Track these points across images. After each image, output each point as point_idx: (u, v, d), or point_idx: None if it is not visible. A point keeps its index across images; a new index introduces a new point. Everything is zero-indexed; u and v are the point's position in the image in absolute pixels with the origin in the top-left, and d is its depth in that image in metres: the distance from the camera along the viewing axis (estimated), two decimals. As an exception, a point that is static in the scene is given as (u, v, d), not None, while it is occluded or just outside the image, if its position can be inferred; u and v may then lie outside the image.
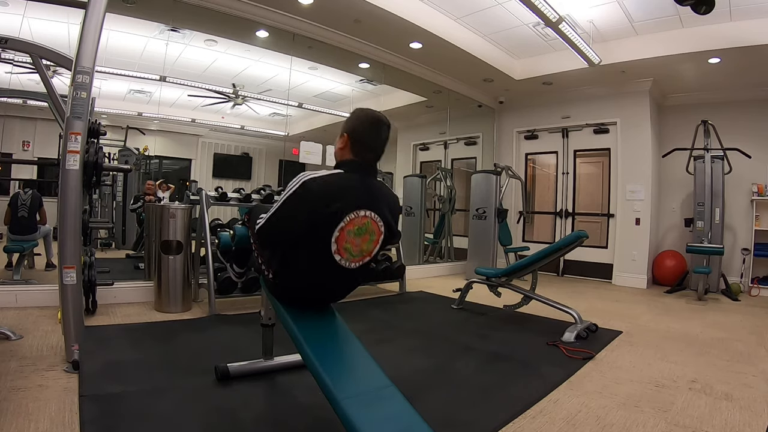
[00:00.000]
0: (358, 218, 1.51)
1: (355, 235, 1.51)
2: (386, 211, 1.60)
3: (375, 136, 1.59)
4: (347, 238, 1.50)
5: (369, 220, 1.53)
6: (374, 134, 1.59)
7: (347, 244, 1.51)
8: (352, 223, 1.49)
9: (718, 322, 3.85)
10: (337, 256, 1.51)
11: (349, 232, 1.50)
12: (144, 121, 6.95)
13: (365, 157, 1.58)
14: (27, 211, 4.37)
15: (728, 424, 1.82)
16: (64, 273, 2.19)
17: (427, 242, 6.87)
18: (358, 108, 1.67)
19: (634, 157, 5.94)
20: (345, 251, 1.51)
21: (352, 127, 1.60)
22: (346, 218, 1.48)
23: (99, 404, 1.75)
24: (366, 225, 1.53)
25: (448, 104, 6.81)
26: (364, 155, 1.58)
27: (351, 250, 1.52)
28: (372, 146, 1.59)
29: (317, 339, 1.59)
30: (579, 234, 3.19)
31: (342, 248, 1.50)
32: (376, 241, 1.59)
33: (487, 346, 2.87)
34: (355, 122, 1.61)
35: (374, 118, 1.60)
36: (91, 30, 2.28)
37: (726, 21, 4.39)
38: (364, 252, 1.57)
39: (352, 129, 1.59)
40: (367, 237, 1.55)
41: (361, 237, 1.53)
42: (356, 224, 1.50)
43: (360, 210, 1.51)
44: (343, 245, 1.50)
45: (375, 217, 1.55)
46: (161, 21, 4.88)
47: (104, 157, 2.53)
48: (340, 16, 4.44)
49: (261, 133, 8.35)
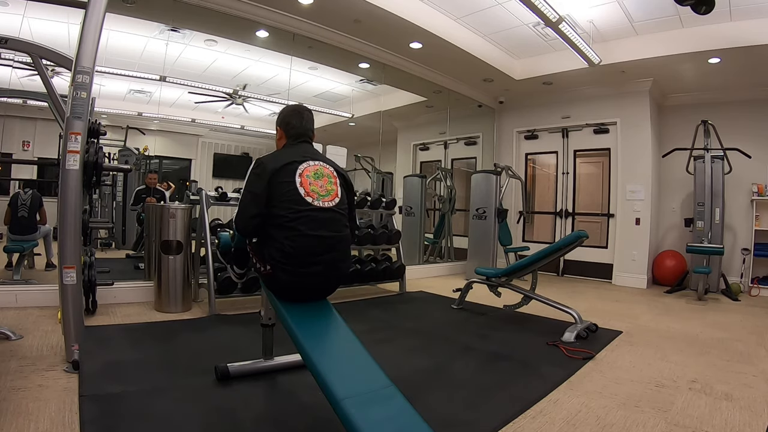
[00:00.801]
0: (311, 166, 1.79)
1: (314, 178, 1.77)
2: (331, 164, 1.88)
3: (300, 119, 1.94)
4: (309, 181, 1.75)
5: (320, 167, 1.82)
6: (299, 118, 1.94)
7: (312, 186, 1.75)
8: (306, 170, 1.77)
9: (718, 322, 3.85)
10: (309, 198, 1.72)
11: (307, 176, 1.76)
12: (144, 121, 6.94)
13: (298, 137, 1.92)
14: (27, 211, 4.36)
15: (728, 424, 1.82)
16: (64, 273, 2.19)
17: (427, 242, 6.87)
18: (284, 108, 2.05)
19: (634, 157, 5.94)
20: (313, 193, 1.74)
21: (281, 120, 1.97)
22: (299, 167, 1.76)
23: (99, 404, 1.75)
24: (319, 170, 1.81)
25: (448, 104, 6.81)
26: (297, 135, 1.93)
27: (318, 191, 1.75)
28: (301, 127, 1.93)
29: (317, 339, 1.60)
30: (579, 234, 3.19)
31: (309, 190, 1.74)
32: (335, 183, 1.83)
33: (487, 346, 2.87)
34: (282, 116, 1.98)
35: (295, 107, 2.02)
36: (91, 30, 2.28)
37: (726, 21, 4.39)
38: (331, 192, 1.80)
39: (281, 122, 1.97)
40: (326, 179, 1.81)
41: (321, 179, 1.79)
42: (311, 171, 1.78)
43: (308, 161, 1.80)
44: (309, 188, 1.74)
45: (324, 165, 1.84)
46: (161, 21, 4.88)
47: (104, 157, 2.53)
48: (340, 16, 4.44)
49: (261, 133, 8.34)
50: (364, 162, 7.06)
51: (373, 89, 6.79)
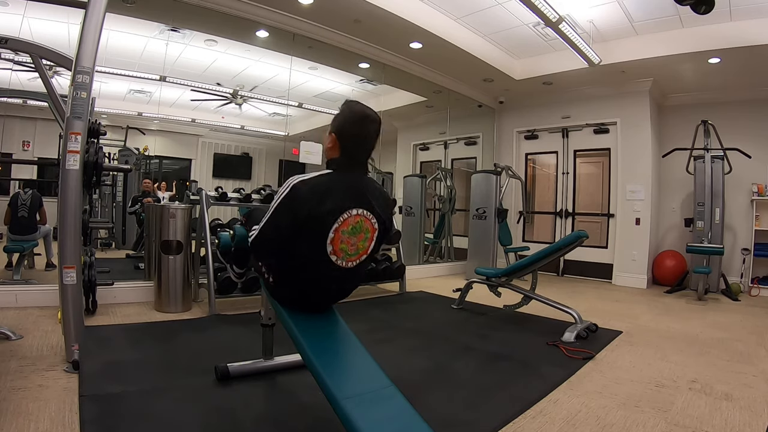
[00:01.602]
0: (351, 217, 1.49)
1: (349, 235, 1.50)
2: (378, 209, 1.57)
3: (362, 134, 1.53)
4: (342, 238, 1.49)
5: (362, 218, 1.52)
6: (361, 131, 1.52)
7: (343, 244, 1.49)
8: (345, 223, 1.48)
9: (718, 322, 3.85)
10: (334, 257, 1.50)
11: (343, 232, 1.48)
12: (144, 121, 6.94)
13: (354, 156, 1.54)
14: (27, 211, 4.36)
15: (728, 424, 1.82)
16: (64, 273, 2.19)
17: (427, 242, 6.87)
18: (346, 103, 1.59)
19: (634, 157, 5.94)
20: (341, 251, 1.50)
21: (338, 125, 1.54)
22: (339, 218, 1.46)
23: (99, 404, 1.75)
24: (359, 223, 1.51)
25: (448, 104, 6.81)
26: (352, 153, 1.54)
27: (347, 249, 1.51)
28: (360, 144, 1.54)
29: (317, 339, 1.60)
30: (579, 234, 3.19)
31: (338, 249, 1.49)
32: (371, 238, 1.58)
33: (487, 346, 2.87)
34: (341, 120, 1.54)
35: (360, 115, 1.54)
36: (91, 30, 2.28)
37: (726, 21, 4.39)
38: (360, 250, 1.56)
39: (338, 127, 1.53)
40: (362, 235, 1.54)
41: (356, 236, 1.52)
42: (350, 224, 1.49)
43: (352, 209, 1.49)
44: (338, 246, 1.49)
45: (368, 215, 1.53)
46: (161, 21, 4.88)
47: (104, 157, 2.53)
48: (340, 16, 4.44)
49: (261, 133, 8.34)
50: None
51: (373, 89, 6.79)
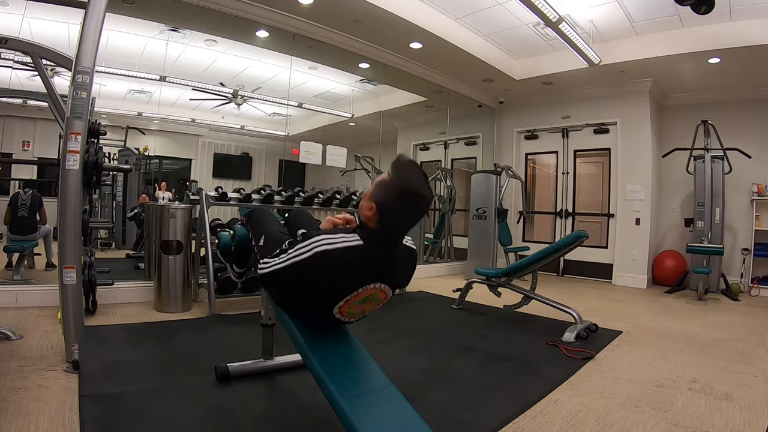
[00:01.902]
0: (367, 291, 1.38)
1: (360, 303, 1.42)
2: (399, 280, 1.47)
3: (411, 216, 1.33)
4: (351, 305, 1.41)
5: (377, 291, 1.41)
6: (410, 214, 1.32)
7: (350, 309, 1.43)
8: (359, 294, 1.38)
9: (718, 322, 3.85)
10: (339, 316, 1.44)
11: (354, 302, 1.40)
12: (144, 121, 6.94)
13: (394, 233, 1.36)
14: (27, 211, 4.36)
15: (728, 424, 1.82)
16: (64, 273, 2.19)
17: (427, 242, 6.87)
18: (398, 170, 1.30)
19: (634, 157, 5.94)
20: (347, 314, 1.45)
21: (385, 200, 1.28)
22: (355, 291, 1.36)
23: (99, 404, 1.75)
24: (374, 295, 1.41)
25: (448, 104, 6.80)
26: (393, 231, 1.35)
27: (353, 312, 1.45)
28: (405, 225, 1.35)
29: (317, 339, 1.59)
30: (579, 234, 3.19)
31: (345, 312, 1.43)
32: (380, 305, 1.50)
33: (487, 346, 2.87)
34: (389, 196, 1.28)
35: (416, 197, 1.28)
36: (91, 30, 2.28)
37: (726, 21, 4.39)
38: (366, 312, 1.50)
39: (384, 202, 1.28)
40: (372, 304, 1.45)
41: (367, 304, 1.44)
42: (363, 295, 1.39)
43: (372, 284, 1.38)
44: (346, 310, 1.42)
45: (386, 288, 1.42)
46: (161, 21, 4.88)
47: (104, 157, 2.53)
48: (340, 16, 4.44)
49: (261, 133, 8.34)
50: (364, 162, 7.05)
51: (373, 89, 6.79)
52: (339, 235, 1.32)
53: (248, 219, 2.02)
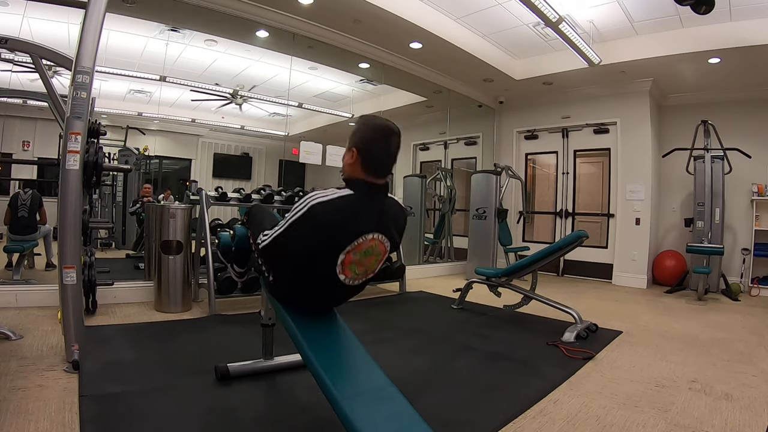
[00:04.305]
0: (366, 241, 1.45)
1: (361, 257, 1.47)
2: (393, 231, 1.54)
3: (385, 150, 1.46)
4: (353, 260, 1.46)
5: (376, 242, 1.48)
6: (384, 147, 1.46)
7: (353, 265, 1.47)
8: (359, 246, 1.44)
9: (718, 322, 3.85)
10: (342, 276, 1.48)
11: (355, 254, 1.45)
12: (144, 121, 6.95)
13: (378, 174, 1.47)
14: (27, 211, 4.36)
15: (728, 424, 1.82)
16: (64, 273, 2.19)
17: (427, 242, 6.87)
18: (364, 118, 1.54)
19: (634, 157, 5.94)
20: (350, 271, 1.48)
21: (360, 140, 1.46)
22: (354, 242, 1.43)
23: (99, 404, 1.75)
24: (373, 247, 1.48)
25: (448, 104, 6.80)
26: (375, 172, 1.46)
27: (356, 270, 1.49)
28: (383, 161, 1.47)
29: (317, 339, 1.59)
30: (579, 234, 3.19)
31: (347, 269, 1.47)
32: (381, 260, 1.56)
33: (487, 346, 2.87)
34: (363, 135, 1.47)
35: (384, 130, 1.47)
36: (91, 30, 2.28)
37: (726, 21, 4.39)
38: (369, 270, 1.55)
39: (360, 143, 1.45)
40: (373, 258, 1.51)
41: (368, 258, 1.49)
42: (363, 247, 1.46)
43: (368, 234, 1.45)
44: (348, 266, 1.47)
45: (382, 238, 1.50)
46: (161, 21, 4.88)
47: (104, 157, 2.53)
48: (340, 16, 4.44)
49: (261, 133, 8.34)
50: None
51: (373, 89, 6.79)
52: (331, 189, 1.43)
53: (248, 219, 2.02)
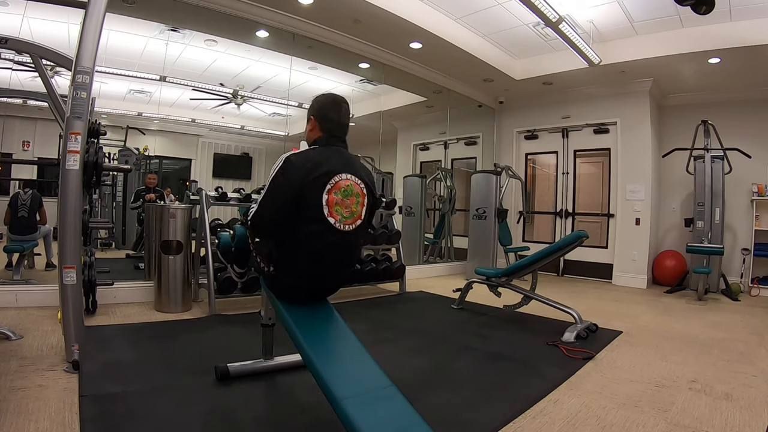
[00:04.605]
0: (342, 181, 1.66)
1: (342, 197, 1.66)
2: (364, 176, 1.75)
3: (337, 112, 1.77)
4: (336, 200, 1.64)
5: (351, 183, 1.69)
6: (336, 111, 1.77)
7: (337, 206, 1.64)
8: (337, 186, 1.65)
9: (718, 322, 3.85)
10: (331, 219, 1.63)
11: (336, 193, 1.64)
12: (144, 121, 6.94)
13: (334, 132, 1.76)
14: (27, 211, 4.36)
15: (728, 424, 1.82)
16: (64, 273, 2.19)
17: (427, 242, 6.87)
18: (318, 96, 1.84)
19: (634, 157, 5.94)
20: (337, 213, 1.64)
21: (316, 109, 1.78)
22: (331, 181, 1.63)
23: (99, 404, 1.75)
24: (350, 187, 1.68)
25: (448, 104, 6.80)
26: (332, 130, 1.76)
27: (342, 212, 1.66)
28: (337, 121, 1.77)
29: (317, 339, 1.60)
30: (579, 234, 3.19)
31: (333, 210, 1.63)
32: (362, 203, 1.73)
33: (487, 346, 2.87)
34: (318, 105, 1.79)
35: (333, 98, 1.81)
36: (91, 30, 2.28)
37: (726, 21, 4.39)
38: (355, 214, 1.70)
39: (316, 111, 1.78)
40: (354, 198, 1.69)
41: (349, 198, 1.68)
42: (341, 186, 1.66)
43: (342, 173, 1.67)
44: (333, 207, 1.63)
45: (356, 180, 1.71)
46: (161, 21, 4.88)
47: (104, 157, 2.53)
48: (340, 16, 4.44)
49: (261, 133, 8.34)
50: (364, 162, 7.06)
51: (373, 89, 6.79)
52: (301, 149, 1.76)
53: (247, 217, 2.03)
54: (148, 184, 5.78)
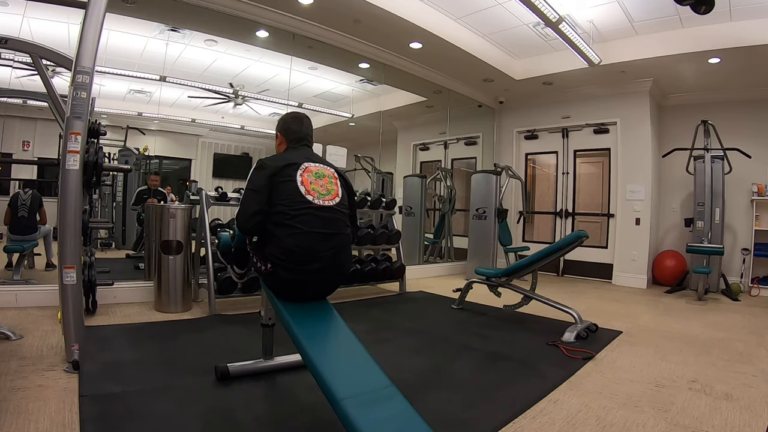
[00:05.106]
0: (312, 166, 1.84)
1: (315, 178, 1.81)
2: (331, 166, 1.93)
3: (299, 125, 1.99)
4: (310, 180, 1.79)
5: (321, 168, 1.86)
6: (298, 124, 2.00)
7: (312, 185, 1.78)
8: (307, 170, 1.81)
9: (718, 322, 3.85)
10: (309, 196, 1.75)
11: (308, 175, 1.80)
12: (144, 121, 6.94)
13: (299, 139, 1.97)
14: (27, 211, 4.36)
15: (728, 424, 1.82)
16: (64, 273, 2.19)
17: (427, 242, 6.87)
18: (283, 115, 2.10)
19: (634, 157, 5.94)
20: (314, 192, 1.77)
21: (280, 126, 2.02)
22: (300, 167, 1.80)
23: (99, 404, 1.75)
24: (320, 171, 1.85)
25: (448, 104, 6.80)
26: (297, 140, 1.97)
27: (318, 190, 1.79)
28: (300, 132, 1.98)
29: (317, 339, 1.60)
30: (579, 234, 3.19)
31: (310, 189, 1.77)
32: (336, 183, 1.87)
33: (487, 346, 2.87)
34: (281, 123, 2.02)
35: (295, 114, 2.06)
36: (91, 30, 2.28)
37: (726, 21, 4.39)
38: (331, 191, 1.82)
39: (281, 127, 2.01)
40: (326, 179, 1.84)
41: (322, 179, 1.82)
42: (312, 171, 1.82)
43: (309, 163, 1.84)
44: (309, 187, 1.77)
45: (324, 166, 1.89)
46: (161, 21, 4.88)
47: (104, 157, 2.53)
48: (340, 16, 4.44)
49: (261, 133, 8.34)
50: (364, 162, 7.06)
51: (373, 89, 6.79)
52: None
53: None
54: (150, 185, 5.76)
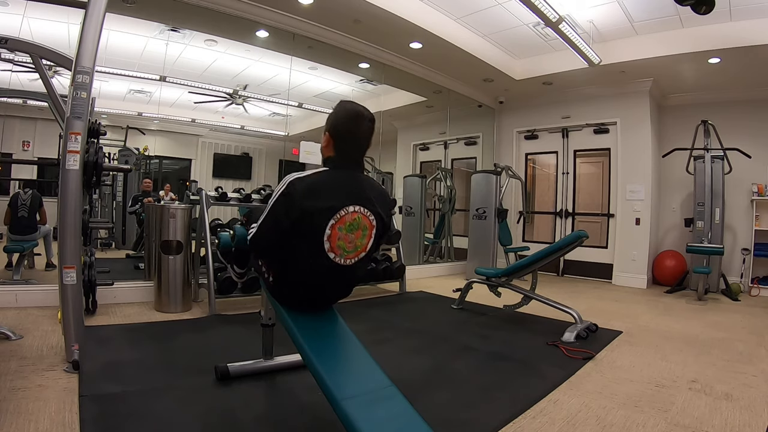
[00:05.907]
0: (348, 214, 1.51)
1: (347, 231, 1.51)
2: (376, 205, 1.58)
3: (356, 132, 1.55)
4: (339, 235, 1.50)
5: (359, 215, 1.53)
6: (355, 130, 1.55)
7: (340, 241, 1.51)
8: (342, 220, 1.50)
9: (718, 322, 3.85)
10: (332, 254, 1.51)
11: (340, 228, 1.50)
12: (144, 121, 6.94)
13: (348, 153, 1.57)
14: (27, 211, 4.36)
15: (728, 424, 1.82)
16: (64, 273, 2.19)
17: (427, 242, 6.87)
18: (339, 103, 1.61)
19: (634, 157, 5.94)
20: (339, 248, 1.52)
21: (332, 124, 1.57)
22: (336, 215, 1.48)
23: (99, 404, 1.75)
24: (357, 220, 1.53)
25: (448, 104, 6.80)
26: (347, 151, 1.57)
27: (344, 246, 1.53)
28: (354, 142, 1.56)
29: (317, 339, 1.60)
30: (579, 234, 3.19)
31: (335, 246, 1.51)
32: (369, 235, 1.59)
33: (487, 346, 2.87)
34: (334, 119, 1.57)
35: (354, 114, 1.56)
36: (91, 30, 2.28)
37: (726, 21, 4.39)
38: (359, 248, 1.57)
39: (332, 126, 1.57)
40: (360, 232, 1.55)
41: (354, 233, 1.53)
42: (347, 220, 1.51)
43: (349, 206, 1.51)
44: (336, 243, 1.50)
45: (365, 211, 1.55)
46: (161, 21, 4.88)
47: (104, 157, 2.53)
48: (340, 16, 4.44)
49: (261, 133, 8.34)
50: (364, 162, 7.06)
51: (373, 89, 6.79)
52: (308, 170, 1.53)
53: (248, 219, 2.02)
54: (144, 188, 5.79)
